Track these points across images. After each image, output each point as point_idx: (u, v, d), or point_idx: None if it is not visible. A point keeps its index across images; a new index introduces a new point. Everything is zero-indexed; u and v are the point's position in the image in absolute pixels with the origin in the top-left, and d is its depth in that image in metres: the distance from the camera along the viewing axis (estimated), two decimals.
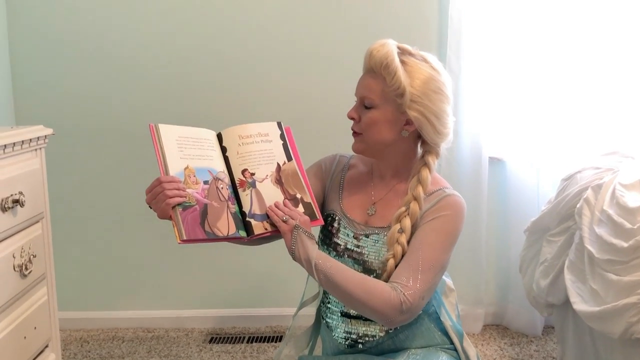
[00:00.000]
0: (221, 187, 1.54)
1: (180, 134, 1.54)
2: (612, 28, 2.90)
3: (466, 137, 2.97)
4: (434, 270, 1.51)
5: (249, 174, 1.57)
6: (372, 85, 1.58)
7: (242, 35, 2.97)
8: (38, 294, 1.92)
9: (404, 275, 1.50)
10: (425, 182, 1.59)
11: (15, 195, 1.73)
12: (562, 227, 2.45)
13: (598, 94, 2.95)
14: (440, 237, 1.55)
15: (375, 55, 1.56)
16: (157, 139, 1.50)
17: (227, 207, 1.53)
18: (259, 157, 1.60)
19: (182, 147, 1.52)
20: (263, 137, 1.63)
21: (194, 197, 1.48)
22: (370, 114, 1.58)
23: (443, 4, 2.95)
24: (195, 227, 1.46)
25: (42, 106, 2.98)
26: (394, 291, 1.47)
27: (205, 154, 1.56)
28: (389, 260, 1.54)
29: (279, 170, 1.61)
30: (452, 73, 2.91)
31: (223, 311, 3.16)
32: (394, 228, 1.56)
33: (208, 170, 1.54)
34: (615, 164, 2.44)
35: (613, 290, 2.01)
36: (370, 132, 1.60)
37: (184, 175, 1.49)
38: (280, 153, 1.64)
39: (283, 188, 1.60)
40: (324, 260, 1.50)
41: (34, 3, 2.93)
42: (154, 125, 1.52)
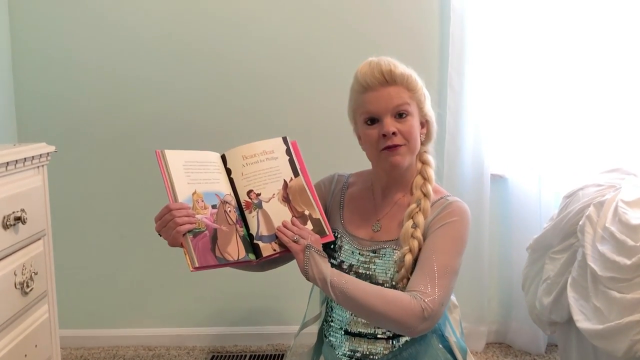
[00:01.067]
0: (229, 210, 1.54)
1: (186, 159, 1.54)
2: (613, 46, 2.91)
3: (468, 154, 2.97)
4: (449, 276, 1.52)
5: (254, 195, 1.56)
6: (402, 93, 1.59)
7: (247, 48, 2.97)
8: (39, 311, 1.91)
9: (421, 283, 1.50)
10: (431, 179, 1.65)
11: (17, 212, 1.73)
12: (564, 245, 2.44)
13: (600, 111, 2.95)
14: (451, 243, 1.57)
15: (395, 69, 1.58)
16: (164, 166, 1.50)
17: (236, 230, 1.52)
18: (264, 176, 1.59)
19: (189, 172, 1.52)
20: (268, 154, 1.62)
21: (204, 223, 1.48)
22: (409, 122, 1.60)
23: (444, 21, 2.97)
24: (206, 253, 1.46)
25: (45, 123, 2.99)
26: (414, 299, 1.46)
27: (212, 178, 1.56)
28: (406, 255, 1.55)
29: (286, 188, 1.60)
30: (453, 90, 2.92)
31: (224, 329, 3.15)
32: (407, 224, 1.58)
33: (215, 194, 1.53)
34: (617, 181, 2.44)
35: (616, 308, 2.00)
36: (413, 140, 1.61)
37: (192, 201, 1.49)
38: (287, 169, 1.62)
39: (291, 206, 1.58)
40: (339, 276, 1.50)
41: (37, 21, 2.94)
42: (160, 152, 1.51)
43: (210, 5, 2.96)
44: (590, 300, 2.16)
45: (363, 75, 1.60)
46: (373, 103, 1.60)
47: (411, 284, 1.52)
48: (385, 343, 1.62)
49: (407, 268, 1.55)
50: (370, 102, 1.60)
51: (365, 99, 1.61)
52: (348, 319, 1.66)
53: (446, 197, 1.64)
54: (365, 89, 1.60)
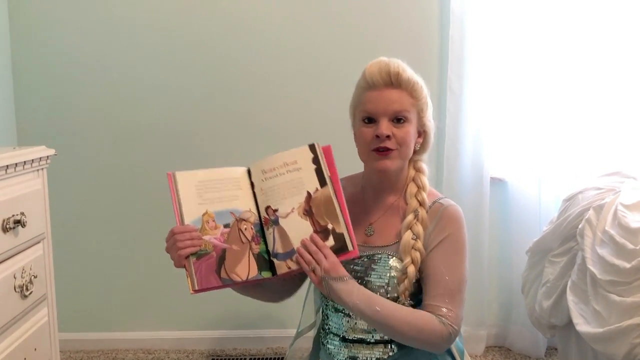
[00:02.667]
0: (244, 228, 1.52)
1: (201, 179, 1.53)
2: (612, 49, 2.92)
3: (467, 157, 2.97)
4: (463, 287, 1.58)
5: (271, 211, 1.52)
6: (404, 99, 1.58)
7: (248, 50, 2.98)
8: (38, 314, 1.91)
9: (442, 304, 1.53)
10: (425, 187, 1.64)
11: (16, 215, 1.73)
12: (564, 248, 2.45)
13: (599, 115, 2.96)
14: (455, 256, 1.59)
15: (402, 73, 1.57)
16: (173, 188, 1.51)
17: (250, 248, 1.51)
18: (283, 190, 1.53)
19: (201, 192, 1.51)
20: (289, 166, 1.55)
21: (212, 244, 1.48)
22: (405, 128, 1.59)
23: (444, 24, 2.97)
24: (209, 275, 1.46)
25: (45, 126, 2.99)
26: (441, 324, 1.50)
27: (229, 195, 1.54)
28: (409, 267, 1.56)
29: (309, 200, 1.52)
30: (453, 94, 2.92)
31: (224, 332, 3.14)
32: (407, 235, 1.58)
33: (230, 212, 1.52)
34: (617, 184, 2.44)
35: (616, 312, 2.01)
36: (406, 147, 1.60)
37: (202, 222, 1.49)
38: (312, 180, 1.53)
39: (313, 219, 1.51)
40: (370, 304, 1.48)
41: (37, 24, 2.94)
42: (172, 174, 1.52)
43: (211, 7, 2.96)
44: (589, 303, 2.16)
45: (370, 73, 1.59)
46: (373, 102, 1.59)
47: (431, 306, 1.54)
48: (383, 347, 1.62)
49: (410, 279, 1.56)
50: (371, 101, 1.59)
51: (367, 97, 1.60)
52: (345, 326, 1.65)
53: (439, 200, 1.64)
54: (370, 86, 1.60)
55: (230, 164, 1.60)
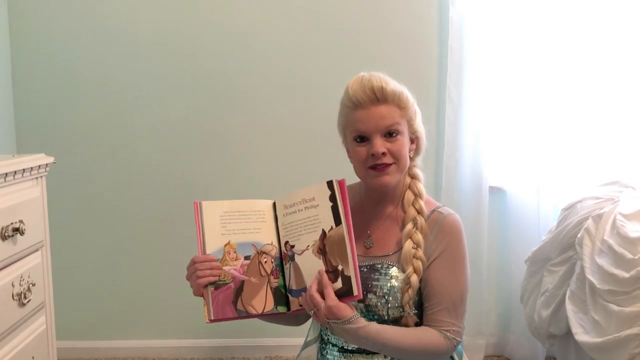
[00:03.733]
0: (264, 261, 1.53)
1: (226, 209, 1.54)
2: (610, 59, 2.92)
3: (466, 167, 2.97)
4: (465, 298, 1.61)
5: (289, 247, 1.54)
6: (393, 113, 1.57)
7: (245, 58, 2.99)
8: (37, 322, 1.91)
9: (446, 318, 1.56)
10: (422, 194, 1.64)
11: (15, 223, 1.73)
12: (563, 257, 2.45)
13: (598, 124, 2.96)
14: (456, 268, 1.60)
15: (386, 87, 1.55)
16: (199, 217, 1.52)
17: (268, 281, 1.52)
18: (300, 227, 1.54)
19: (225, 223, 1.53)
20: (308, 202, 1.55)
21: (231, 274, 1.49)
22: (399, 141, 1.58)
23: (442, 34, 2.98)
24: (225, 306, 1.48)
25: (44, 134, 2.99)
26: (445, 339, 1.55)
27: (252, 227, 1.55)
28: (412, 276, 1.56)
29: (323, 238, 1.51)
30: (452, 103, 2.93)
31: (223, 341, 3.13)
32: (407, 244, 1.57)
33: (252, 245, 1.53)
34: (616, 193, 2.45)
35: (615, 321, 2.01)
36: (402, 159, 1.59)
37: (223, 252, 1.51)
38: (328, 217, 1.51)
39: (326, 258, 1.49)
40: (378, 339, 1.49)
41: (37, 32, 2.95)
42: (199, 203, 1.53)
43: (210, 18, 2.97)
44: (588, 313, 2.16)
45: (354, 91, 1.57)
46: (364, 122, 1.57)
47: (436, 320, 1.57)
48: (382, 357, 1.61)
49: (413, 289, 1.56)
50: (361, 120, 1.58)
51: (356, 117, 1.58)
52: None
53: (438, 209, 1.64)
54: (356, 105, 1.57)
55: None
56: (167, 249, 3.02)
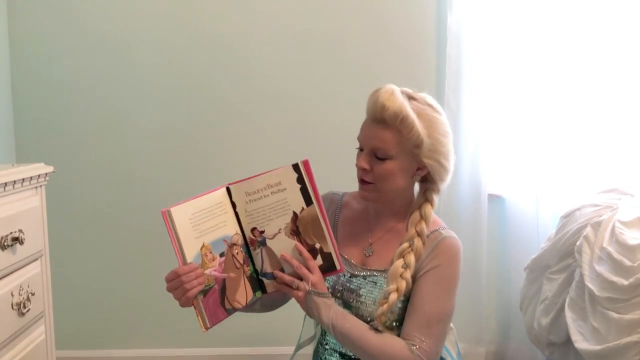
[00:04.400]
0: (236, 252, 1.50)
1: (193, 211, 1.45)
2: (608, 67, 2.93)
3: (465, 175, 2.97)
4: (443, 322, 1.54)
5: (258, 233, 1.51)
6: (386, 137, 1.53)
7: (244, 67, 3.00)
8: (36, 332, 1.90)
9: (416, 333, 1.52)
10: (428, 219, 1.60)
11: (15, 233, 1.73)
12: (562, 265, 2.45)
13: (597, 131, 2.97)
14: (442, 287, 1.55)
15: (389, 107, 1.51)
16: (170, 226, 1.42)
17: (244, 272, 1.51)
18: (269, 211, 1.50)
19: (196, 225, 1.45)
20: (273, 187, 1.50)
21: (213, 277, 1.46)
22: (386, 165, 1.55)
23: (441, 43, 2.99)
24: (216, 309, 1.47)
25: (43, 143, 2.99)
26: (410, 352, 1.50)
27: (219, 222, 1.50)
28: (391, 294, 1.53)
29: (295, 220, 1.50)
30: (450, 111, 2.93)
31: (222, 350, 3.13)
32: (397, 263, 1.55)
33: (223, 240, 1.49)
34: (614, 201, 2.45)
35: (614, 329, 2.01)
36: (385, 182, 1.57)
37: (201, 256, 1.45)
38: (298, 200, 1.50)
39: (300, 238, 1.50)
40: (342, 321, 1.50)
41: (37, 42, 2.95)
42: (167, 212, 1.41)
43: (210, 31, 2.98)
44: (588, 320, 2.16)
45: (368, 100, 1.57)
46: (362, 132, 1.59)
47: (406, 333, 1.54)
48: None
49: (389, 305, 1.53)
50: (362, 130, 1.59)
51: (362, 126, 1.60)
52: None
53: (439, 229, 1.61)
54: (367, 114, 1.59)
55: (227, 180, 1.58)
56: (167, 257, 3.00)
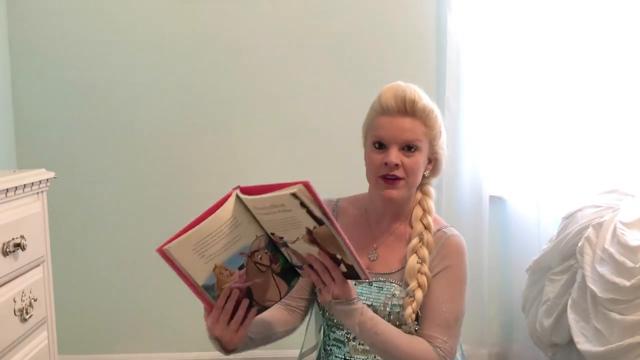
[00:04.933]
0: (259, 257, 1.44)
1: (195, 241, 1.36)
2: (609, 69, 2.93)
3: (466, 176, 2.98)
4: (460, 321, 1.58)
5: (278, 237, 1.42)
6: (417, 128, 1.55)
7: (244, 83, 3.01)
8: (38, 338, 1.90)
9: (438, 334, 1.53)
10: (431, 211, 1.62)
11: (16, 239, 1.73)
12: (564, 266, 2.45)
13: (598, 132, 2.96)
14: (455, 288, 1.59)
15: (419, 101, 1.55)
16: (173, 262, 1.37)
17: (272, 271, 1.46)
18: (283, 223, 1.40)
19: (201, 253, 1.37)
20: (278, 207, 1.37)
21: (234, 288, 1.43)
22: (415, 157, 1.56)
23: (441, 45, 2.99)
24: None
25: (44, 149, 2.99)
26: (436, 354, 1.51)
27: (230, 239, 1.39)
28: (416, 291, 1.54)
29: (310, 233, 1.39)
30: (450, 113, 2.93)
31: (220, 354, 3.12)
32: (412, 259, 1.56)
33: (240, 254, 1.41)
34: (616, 202, 2.45)
35: (617, 330, 2.01)
36: (414, 176, 1.58)
37: (215, 276, 1.40)
38: (307, 219, 1.36)
39: (321, 247, 1.40)
40: (370, 325, 1.48)
41: (37, 47, 2.95)
42: (165, 250, 1.34)
43: (211, 35, 2.98)
44: (590, 321, 2.16)
45: (385, 98, 1.56)
46: (385, 129, 1.56)
47: (428, 335, 1.55)
48: None
49: (417, 303, 1.54)
50: (383, 127, 1.56)
51: (380, 122, 1.57)
52: (346, 348, 1.64)
53: (443, 228, 1.62)
54: (384, 111, 1.56)
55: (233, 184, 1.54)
56: None
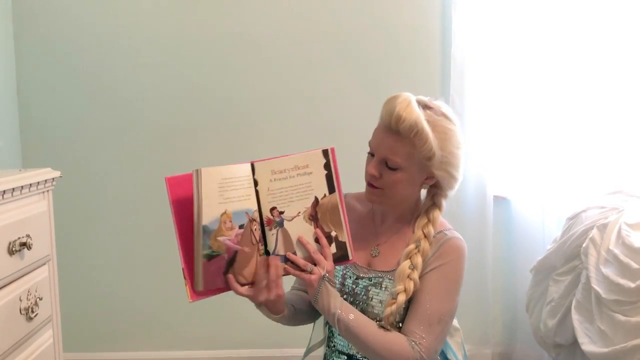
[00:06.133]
0: (255, 228, 1.48)
1: (224, 175, 1.45)
2: (614, 71, 2.92)
3: (471, 176, 2.97)
4: (444, 321, 1.55)
5: (277, 213, 1.49)
6: (398, 148, 1.54)
7: (248, 83, 3.02)
8: (44, 336, 1.91)
9: (417, 330, 1.53)
10: (435, 222, 1.61)
11: (22, 238, 1.73)
12: (568, 267, 2.45)
13: (603, 133, 2.95)
14: (445, 287, 1.57)
15: (405, 119, 1.51)
16: (198, 186, 1.42)
17: (257, 250, 1.48)
18: (291, 193, 1.50)
19: (223, 191, 1.44)
20: (300, 170, 1.51)
21: (225, 245, 1.44)
22: (395, 175, 1.56)
23: (446, 44, 2.99)
24: (216, 277, 1.45)
25: (50, 148, 3.00)
26: (411, 348, 1.50)
27: (244, 194, 1.47)
28: (399, 294, 1.54)
29: (315, 205, 1.51)
30: (455, 113, 2.90)
31: (230, 352, 3.13)
32: (405, 264, 1.56)
33: (245, 212, 1.47)
34: (620, 203, 2.45)
35: (621, 331, 2.00)
36: (392, 190, 1.59)
37: (220, 222, 1.43)
38: (322, 185, 1.51)
39: (318, 224, 1.51)
40: (346, 312, 1.51)
41: (42, 46, 2.97)
42: (199, 171, 1.42)
43: (217, 35, 2.99)
44: (595, 322, 2.15)
45: (384, 108, 1.57)
46: (375, 139, 1.60)
47: (407, 328, 1.55)
48: None
49: (398, 306, 1.54)
50: (375, 137, 1.60)
51: (375, 131, 1.61)
52: (350, 343, 1.65)
53: (444, 231, 1.62)
54: (381, 121, 1.59)
55: None
56: (175, 261, 3.02)
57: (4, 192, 1.66)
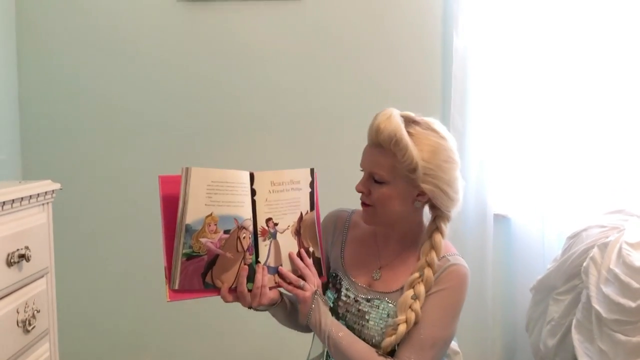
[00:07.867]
0: (243, 236, 1.49)
1: (214, 178, 1.46)
2: (615, 87, 2.91)
3: (471, 194, 2.97)
4: (437, 347, 1.54)
5: (272, 224, 1.53)
6: (380, 161, 1.55)
7: (251, 86, 3.02)
8: (40, 349, 1.90)
9: (407, 353, 1.52)
10: (438, 248, 1.59)
11: (21, 250, 1.73)
12: (568, 286, 2.44)
13: (603, 152, 2.95)
14: (442, 313, 1.55)
15: (383, 130, 1.52)
16: (185, 184, 1.43)
17: (244, 258, 1.49)
18: (286, 206, 1.56)
19: (211, 193, 1.45)
20: (294, 184, 1.58)
21: (206, 247, 1.45)
22: (382, 189, 1.56)
23: (446, 63, 3.00)
24: (193, 278, 1.44)
25: (50, 160, 3.00)
26: None
27: (237, 200, 1.49)
28: (400, 325, 1.53)
29: (300, 220, 1.58)
30: (456, 131, 2.93)
31: None
32: (407, 293, 1.55)
33: (234, 219, 1.48)
34: (621, 222, 2.44)
35: (622, 351, 1.99)
36: (382, 206, 1.58)
37: (204, 223, 1.44)
38: (306, 202, 1.60)
39: (299, 240, 1.57)
40: (336, 329, 1.52)
41: (44, 57, 2.98)
42: (187, 169, 1.44)
43: (220, 47, 3.00)
44: (595, 342, 2.14)
45: (370, 124, 1.59)
46: (363, 156, 1.62)
47: (399, 352, 1.54)
48: None
49: (397, 337, 1.54)
50: (363, 154, 1.63)
51: (364, 149, 1.63)
52: None
53: (448, 256, 1.61)
54: (368, 136, 1.61)
55: None
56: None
57: (4, 203, 1.66)
